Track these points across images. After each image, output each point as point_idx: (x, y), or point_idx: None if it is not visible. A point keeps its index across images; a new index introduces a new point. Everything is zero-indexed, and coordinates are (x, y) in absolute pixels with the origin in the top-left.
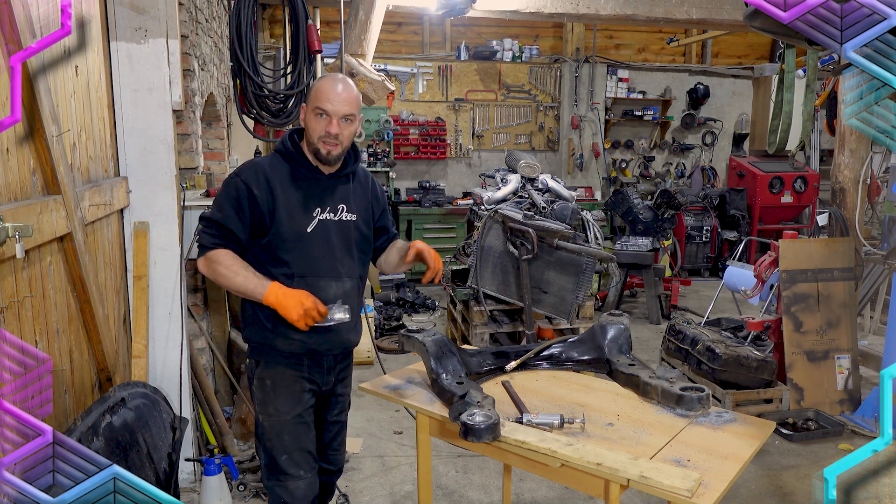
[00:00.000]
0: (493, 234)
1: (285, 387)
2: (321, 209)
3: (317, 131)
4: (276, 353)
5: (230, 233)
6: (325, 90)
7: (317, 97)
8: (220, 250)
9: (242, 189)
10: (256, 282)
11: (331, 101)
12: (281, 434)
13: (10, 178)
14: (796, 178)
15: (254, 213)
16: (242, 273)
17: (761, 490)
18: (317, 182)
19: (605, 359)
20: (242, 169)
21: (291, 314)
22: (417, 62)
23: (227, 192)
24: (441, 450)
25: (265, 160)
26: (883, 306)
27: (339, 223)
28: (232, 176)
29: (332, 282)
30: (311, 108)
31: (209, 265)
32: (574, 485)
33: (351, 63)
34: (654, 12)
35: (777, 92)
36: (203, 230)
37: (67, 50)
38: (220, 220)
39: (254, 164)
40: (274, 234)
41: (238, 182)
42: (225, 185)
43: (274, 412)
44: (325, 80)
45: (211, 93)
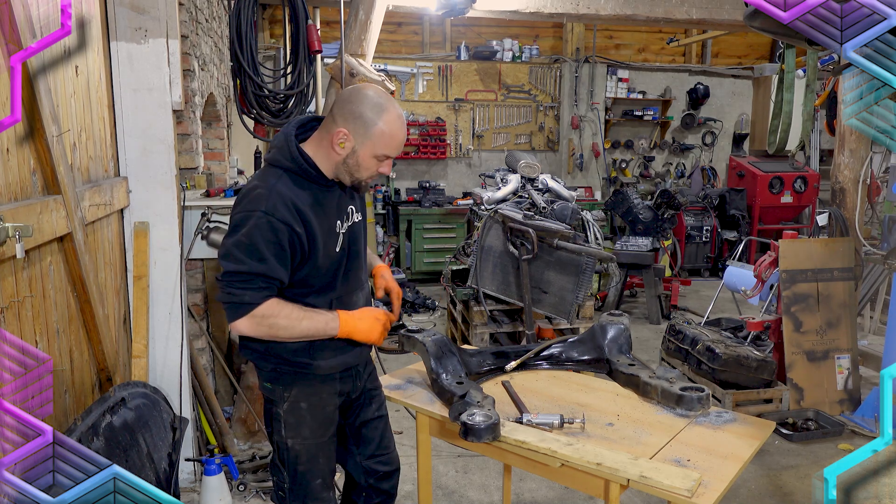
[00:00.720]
0: (493, 234)
1: (322, 407)
2: (340, 222)
3: (370, 171)
4: (312, 376)
5: (278, 282)
6: (396, 137)
7: (387, 143)
8: (270, 303)
9: (283, 230)
10: (325, 319)
11: (398, 146)
12: (317, 457)
13: (10, 178)
14: (796, 178)
15: (295, 253)
16: (306, 316)
17: (761, 490)
18: (332, 195)
19: (605, 359)
20: (272, 206)
21: (373, 336)
22: (417, 62)
23: (264, 236)
24: (441, 450)
25: (284, 187)
26: (883, 306)
27: (351, 227)
28: (261, 216)
29: (359, 292)
30: (373, 151)
31: (263, 322)
32: (574, 485)
33: (351, 63)
34: (654, 12)
35: (777, 92)
36: (242, 286)
37: (67, 50)
38: (266, 273)
39: (279, 195)
40: (311, 266)
41: (275, 223)
42: (258, 228)
43: (310, 435)
44: (389, 120)
45: (211, 93)
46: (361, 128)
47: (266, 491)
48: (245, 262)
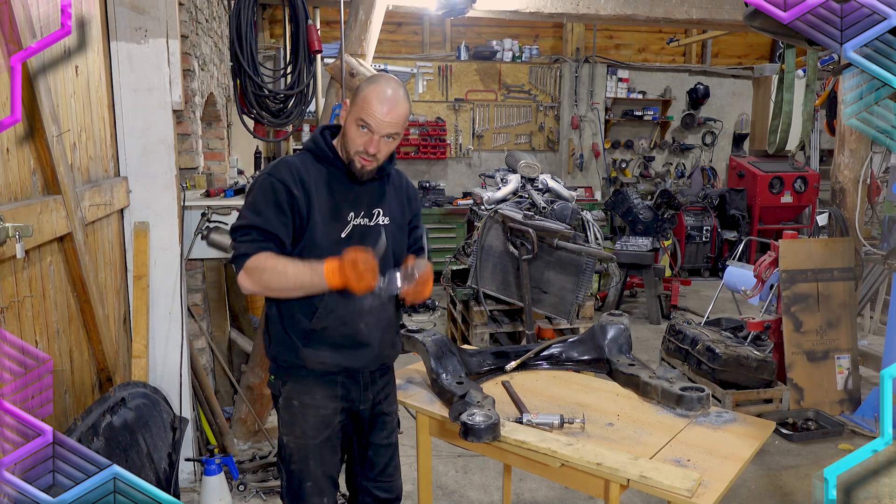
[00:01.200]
0: (493, 234)
1: (316, 409)
2: (355, 213)
3: (356, 144)
4: (306, 371)
5: (274, 237)
6: (373, 104)
7: (363, 107)
8: (262, 255)
9: (281, 189)
10: (311, 270)
11: (376, 117)
12: (307, 458)
13: (10, 178)
14: (796, 178)
15: (293, 216)
16: (292, 266)
17: (761, 490)
18: (352, 185)
19: (605, 359)
20: (276, 168)
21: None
22: (417, 62)
23: (263, 194)
24: (441, 450)
25: (295, 159)
26: (883, 306)
27: (374, 228)
28: (264, 176)
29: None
30: (355, 116)
31: (252, 274)
32: (574, 485)
33: (351, 63)
34: (654, 12)
35: (777, 92)
36: (239, 239)
37: (67, 50)
38: (261, 225)
39: (286, 162)
40: (308, 239)
41: (274, 182)
42: (259, 188)
43: (301, 434)
44: (374, 89)
45: (211, 93)
46: (354, 97)
47: (266, 491)
48: (245, 217)
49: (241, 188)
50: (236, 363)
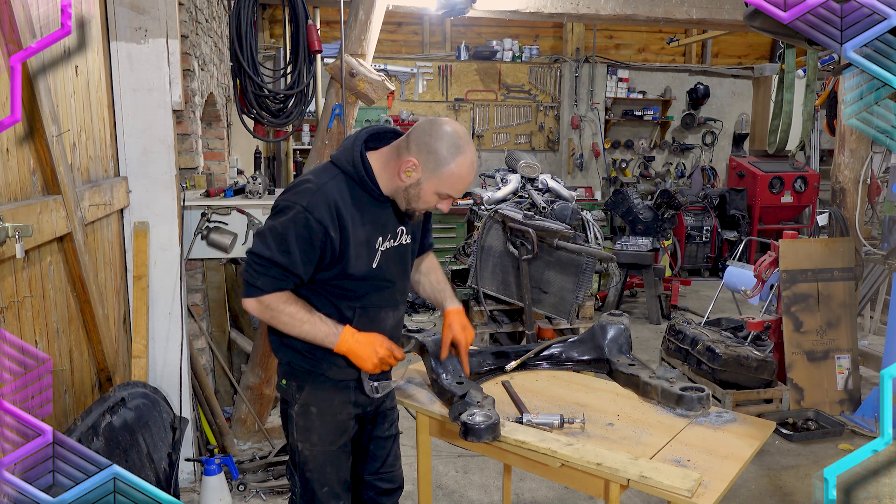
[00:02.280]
0: (493, 234)
1: (333, 415)
2: (383, 238)
3: (428, 204)
4: (324, 379)
5: (296, 278)
6: (462, 180)
7: (450, 183)
8: (280, 295)
9: (318, 230)
10: (326, 329)
11: (461, 189)
12: (324, 465)
13: (10, 178)
14: (796, 178)
15: (324, 255)
16: (308, 320)
17: (761, 490)
18: (382, 209)
19: (605, 359)
20: (314, 203)
21: (366, 364)
22: (417, 62)
23: (297, 231)
24: (441, 450)
25: (334, 188)
26: (883, 306)
27: (398, 248)
28: (301, 211)
29: (390, 311)
30: (436, 187)
31: (266, 311)
32: (574, 485)
33: (351, 63)
34: (654, 12)
35: (777, 92)
36: (258, 269)
37: (67, 50)
38: (288, 266)
39: (325, 195)
40: (340, 272)
41: (312, 221)
42: (293, 221)
43: (318, 442)
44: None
45: (211, 93)
46: (433, 163)
47: (266, 491)
48: (270, 249)
49: (240, 188)
50: (236, 363)
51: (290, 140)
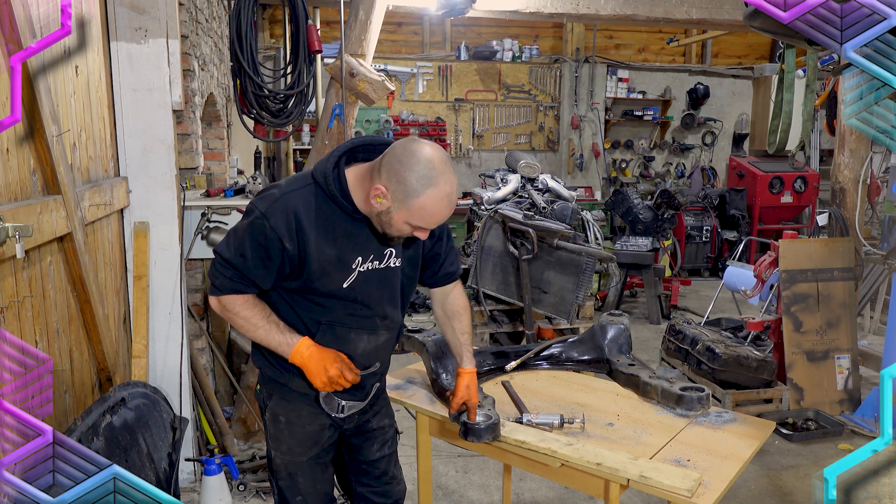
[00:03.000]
0: (493, 234)
1: (301, 426)
2: (363, 258)
3: (401, 233)
4: (287, 389)
5: (251, 283)
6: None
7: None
8: (237, 298)
9: (273, 239)
10: (280, 339)
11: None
12: (294, 475)
13: (10, 178)
14: (796, 178)
15: (283, 265)
16: (263, 327)
17: (761, 490)
18: (358, 227)
19: (605, 359)
20: (273, 210)
21: (315, 381)
22: (417, 62)
23: (254, 236)
24: (441, 450)
25: (299, 199)
26: (883, 306)
27: (384, 271)
28: (259, 217)
29: (364, 335)
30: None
31: (224, 311)
32: (574, 485)
33: (351, 63)
34: (654, 12)
35: (777, 92)
36: (219, 269)
37: (67, 50)
38: (241, 269)
39: (285, 205)
40: (304, 285)
41: (267, 228)
42: (251, 226)
43: (288, 451)
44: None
45: (211, 93)
46: (402, 194)
47: (266, 491)
48: (229, 251)
49: (241, 188)
50: (236, 363)
51: (290, 140)
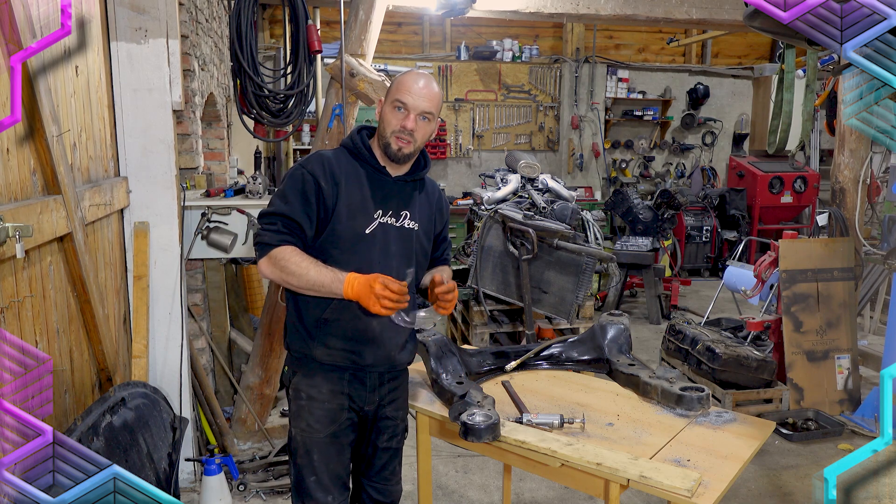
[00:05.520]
0: (493, 234)
1: (322, 402)
2: (383, 211)
3: (392, 125)
4: (315, 364)
5: (297, 227)
6: (408, 83)
7: (397, 89)
8: (287, 247)
9: (310, 180)
10: (332, 276)
11: (412, 94)
12: (311, 452)
13: (10, 178)
14: (796, 178)
15: (319, 208)
16: (314, 269)
17: (761, 490)
18: (382, 183)
19: (605, 359)
20: (308, 160)
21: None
22: (417, 62)
23: (293, 184)
24: (441, 450)
25: (330, 153)
26: (883, 306)
27: (400, 230)
28: (297, 167)
29: None
30: (390, 99)
31: (275, 264)
32: (574, 485)
33: (351, 63)
34: (654, 12)
35: (777, 92)
36: (265, 227)
37: (67, 50)
38: (288, 213)
39: (319, 155)
40: (330, 231)
41: (304, 173)
42: (290, 177)
43: (307, 427)
44: (408, 74)
45: (211, 93)
46: (388, 87)
47: (266, 491)
48: (273, 205)
49: (241, 188)
50: (236, 363)
51: (290, 140)
